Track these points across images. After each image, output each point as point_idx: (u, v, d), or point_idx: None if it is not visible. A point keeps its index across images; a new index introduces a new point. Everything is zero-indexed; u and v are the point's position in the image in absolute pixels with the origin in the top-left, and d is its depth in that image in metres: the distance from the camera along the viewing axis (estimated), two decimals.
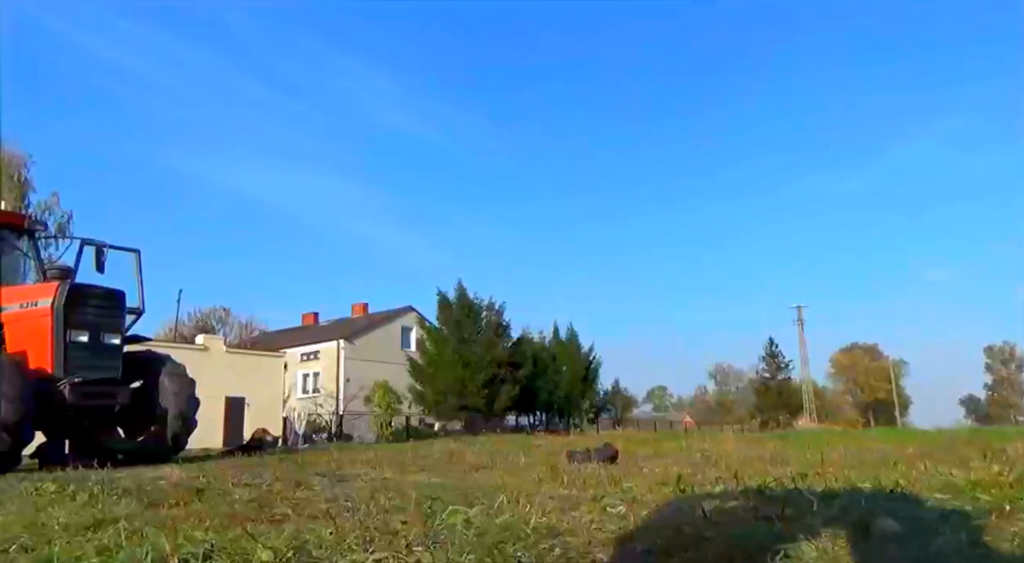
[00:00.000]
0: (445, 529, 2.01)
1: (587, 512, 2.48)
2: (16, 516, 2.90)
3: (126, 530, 2.44)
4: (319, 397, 34.75)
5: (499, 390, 34.07)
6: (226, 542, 1.83)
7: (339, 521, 2.20)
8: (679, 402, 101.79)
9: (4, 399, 6.19)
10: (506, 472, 5.08)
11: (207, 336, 28.40)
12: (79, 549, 2.02)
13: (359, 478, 4.74)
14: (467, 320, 34.65)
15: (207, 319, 39.76)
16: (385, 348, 37.93)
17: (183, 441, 8.34)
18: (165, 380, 8.10)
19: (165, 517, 2.80)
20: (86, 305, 7.39)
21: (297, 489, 3.93)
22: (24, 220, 8.59)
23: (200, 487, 3.83)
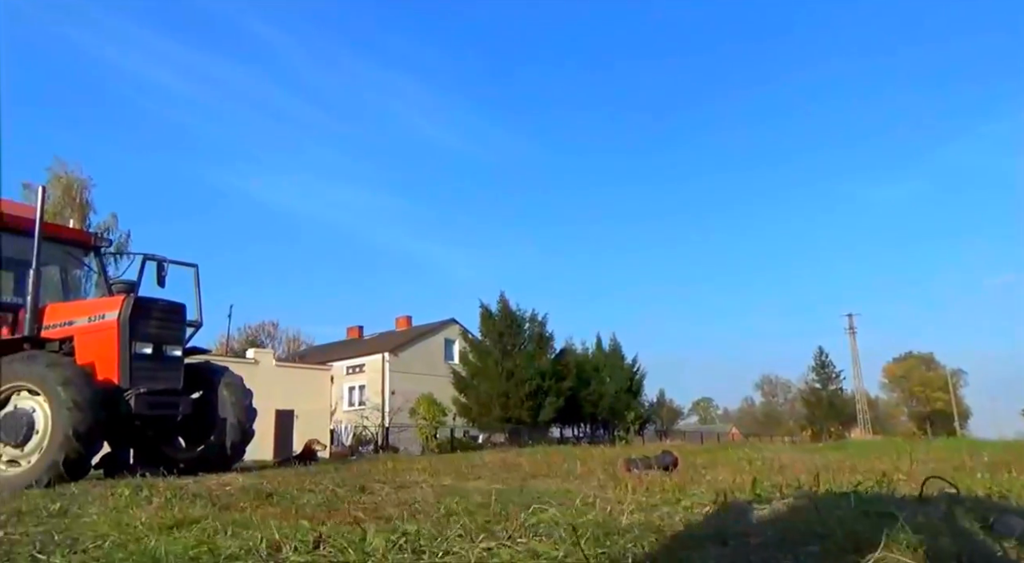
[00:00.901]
0: (537, 525, 1.98)
1: (672, 512, 2.43)
2: (102, 517, 2.99)
3: (209, 529, 2.49)
4: (365, 409, 35.14)
5: (543, 402, 33.99)
6: (332, 531, 1.84)
7: (419, 520, 2.20)
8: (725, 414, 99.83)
9: (76, 409, 6.39)
10: (565, 479, 5.03)
11: (257, 350, 29.02)
12: (175, 544, 2.06)
13: (419, 485, 4.75)
14: (510, 332, 34.74)
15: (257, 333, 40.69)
16: (429, 361, 38.20)
17: (241, 450, 8.50)
18: (223, 391, 8.28)
19: (241, 518, 2.85)
20: (150, 318, 7.62)
21: (362, 494, 3.96)
22: (91, 238, 8.93)
23: (269, 491, 3.88)
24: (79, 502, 3.89)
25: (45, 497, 4.37)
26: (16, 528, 2.63)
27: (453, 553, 1.60)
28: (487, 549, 1.61)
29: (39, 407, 6.60)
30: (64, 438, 6.37)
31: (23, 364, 6.72)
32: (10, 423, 6.57)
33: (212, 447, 8.18)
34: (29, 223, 7.98)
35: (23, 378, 6.65)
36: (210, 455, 8.12)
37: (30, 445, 6.55)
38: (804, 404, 63.41)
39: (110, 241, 9.03)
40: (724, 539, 1.82)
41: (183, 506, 3.34)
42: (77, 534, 2.48)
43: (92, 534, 2.47)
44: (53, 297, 8.42)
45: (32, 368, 6.67)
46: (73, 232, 8.83)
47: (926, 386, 78.20)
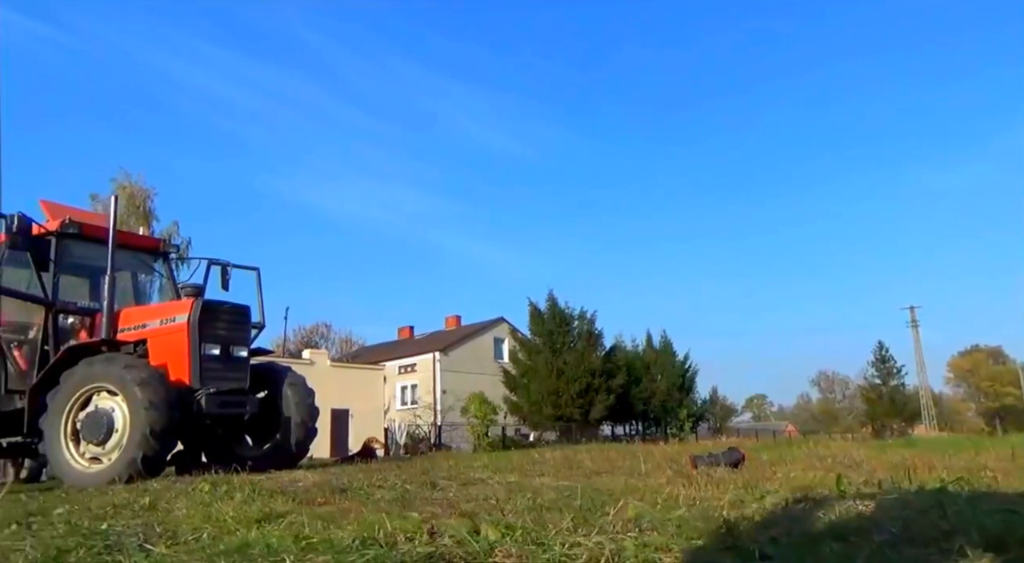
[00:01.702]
0: (638, 520, 1.97)
1: (763, 508, 2.38)
2: (191, 511, 3.11)
3: (297, 522, 2.56)
4: (417, 408, 35.56)
5: (594, 399, 33.82)
6: (440, 524, 1.87)
7: (513, 514, 2.22)
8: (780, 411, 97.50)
9: (152, 408, 6.66)
10: (631, 476, 5.00)
11: (312, 351, 29.71)
12: (272, 535, 2.13)
13: (485, 482, 4.78)
14: (559, 330, 34.67)
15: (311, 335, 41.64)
16: (479, 359, 38.43)
17: (306, 448, 8.72)
18: (287, 390, 8.50)
19: (323, 513, 2.92)
20: (217, 320, 7.88)
21: (433, 489, 4.01)
22: (160, 244, 9.30)
23: (343, 487, 3.97)
24: (165, 497, 4.04)
25: (131, 492, 4.56)
26: (117, 520, 2.75)
27: (578, 545, 1.59)
28: (598, 543, 1.60)
29: (118, 407, 6.89)
30: (142, 436, 6.63)
31: (103, 366, 7.03)
32: (92, 422, 6.88)
33: (278, 445, 8.39)
34: (102, 231, 8.34)
35: (103, 379, 6.95)
36: (276, 453, 8.33)
37: (110, 443, 6.85)
38: (864, 400, 61.32)
39: (177, 247, 9.40)
40: (841, 535, 1.77)
41: (265, 501, 3.44)
42: (174, 527, 2.58)
43: (188, 527, 2.56)
44: (125, 301, 8.77)
45: (111, 369, 6.97)
46: (143, 239, 9.21)
47: (995, 381, 74.81)
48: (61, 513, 3.20)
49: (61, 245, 8.03)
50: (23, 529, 2.39)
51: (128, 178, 29.27)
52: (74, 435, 6.98)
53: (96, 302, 8.85)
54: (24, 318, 8.23)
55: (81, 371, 7.03)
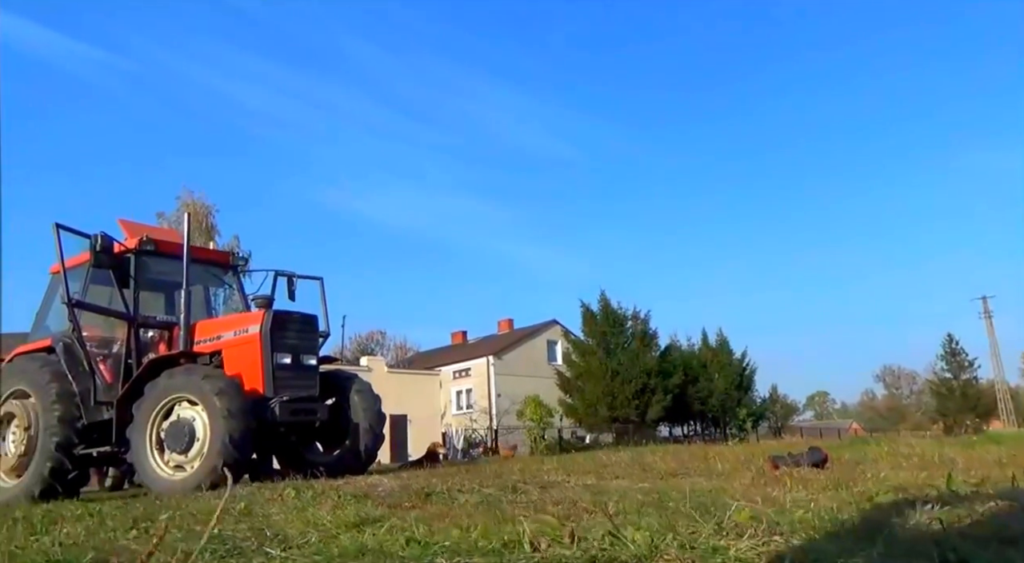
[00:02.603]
0: (754, 523, 1.92)
1: (873, 511, 2.29)
2: (289, 516, 3.19)
3: (398, 526, 2.61)
4: (473, 413, 35.80)
5: (650, 400, 33.47)
6: (579, 527, 1.88)
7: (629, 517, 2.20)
8: (843, 409, 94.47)
9: (231, 417, 6.89)
10: (710, 478, 4.91)
11: (370, 358, 30.24)
12: (387, 538, 2.18)
13: (562, 484, 4.77)
14: (612, 331, 34.45)
15: (366, 342, 42.38)
16: (532, 362, 38.46)
17: (374, 454, 8.87)
18: (355, 397, 8.67)
19: (420, 516, 2.96)
20: (287, 329, 8.11)
21: (515, 493, 4.03)
22: (229, 257, 9.62)
23: (426, 491, 4.02)
24: (255, 502, 4.16)
25: (219, 498, 4.72)
26: (224, 525, 2.85)
27: (720, 549, 1.57)
28: (754, 546, 1.57)
29: (198, 416, 7.14)
30: (222, 444, 6.85)
31: (183, 377, 7.30)
32: (174, 432, 7.15)
33: (348, 451, 8.56)
34: (176, 247, 8.69)
35: (183, 390, 7.22)
36: (346, 458, 8.50)
37: (192, 451, 7.10)
38: (933, 395, 58.93)
39: (245, 259, 9.67)
40: (1008, 539, 1.69)
41: (356, 505, 3.51)
42: (279, 531, 2.66)
43: (294, 531, 2.64)
44: (198, 314, 9.10)
45: (190, 380, 7.24)
46: (214, 253, 9.55)
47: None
48: (167, 518, 3.33)
49: (139, 262, 8.38)
50: (143, 533, 2.52)
51: (191, 195, 30.52)
52: (158, 444, 7.26)
53: (171, 315, 9.23)
54: (108, 333, 8.62)
55: (163, 382, 7.32)
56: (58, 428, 7.72)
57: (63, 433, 7.72)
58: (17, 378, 8.22)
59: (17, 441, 7.98)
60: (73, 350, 8.14)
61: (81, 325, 8.09)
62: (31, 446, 7.83)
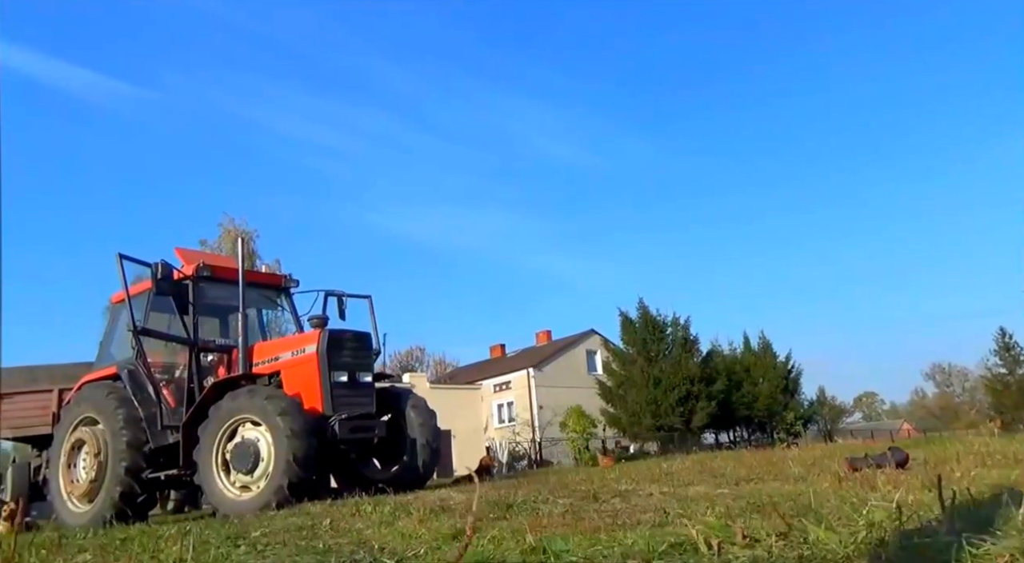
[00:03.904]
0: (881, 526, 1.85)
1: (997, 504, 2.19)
2: (380, 529, 3.20)
3: (498, 536, 2.59)
4: (515, 425, 35.69)
5: (694, 407, 32.98)
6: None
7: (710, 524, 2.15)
8: (892, 409, 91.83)
9: (294, 436, 6.98)
10: (786, 482, 4.80)
11: (412, 374, 30.41)
12: (493, 547, 2.17)
13: (636, 493, 4.71)
14: (652, 338, 34.09)
15: (406, 359, 42.64)
16: (573, 373, 38.24)
17: (432, 468, 8.90)
18: (411, 412, 8.73)
19: (516, 526, 2.94)
20: (342, 348, 8.21)
21: (595, 502, 3.99)
22: (281, 280, 9.80)
23: (508, 503, 4.00)
24: (339, 518, 4.18)
25: (297, 516, 4.76)
26: (322, 540, 2.86)
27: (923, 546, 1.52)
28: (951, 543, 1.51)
29: (262, 436, 7.24)
30: (286, 463, 6.94)
31: (245, 398, 7.42)
32: (239, 452, 7.26)
33: (406, 466, 8.60)
34: (231, 272, 8.89)
35: (246, 411, 7.34)
36: (404, 474, 8.54)
37: (258, 471, 7.19)
38: (988, 392, 56.84)
39: (297, 281, 9.82)
40: None
41: (441, 518, 3.51)
42: (382, 544, 2.67)
43: (395, 543, 2.64)
44: (253, 336, 9.26)
45: (253, 401, 7.35)
46: (266, 276, 9.73)
47: None
48: (259, 536, 3.37)
49: (197, 288, 8.59)
50: (252, 549, 2.55)
51: (232, 222, 31.25)
52: (224, 465, 7.38)
53: (226, 338, 9.42)
54: (170, 358, 8.84)
55: (226, 405, 7.45)
56: (127, 453, 7.91)
57: (132, 458, 7.90)
58: (85, 406, 8.45)
59: (88, 467, 8.19)
60: (138, 376, 8.35)
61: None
62: (101, 472, 8.03)
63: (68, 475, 8.38)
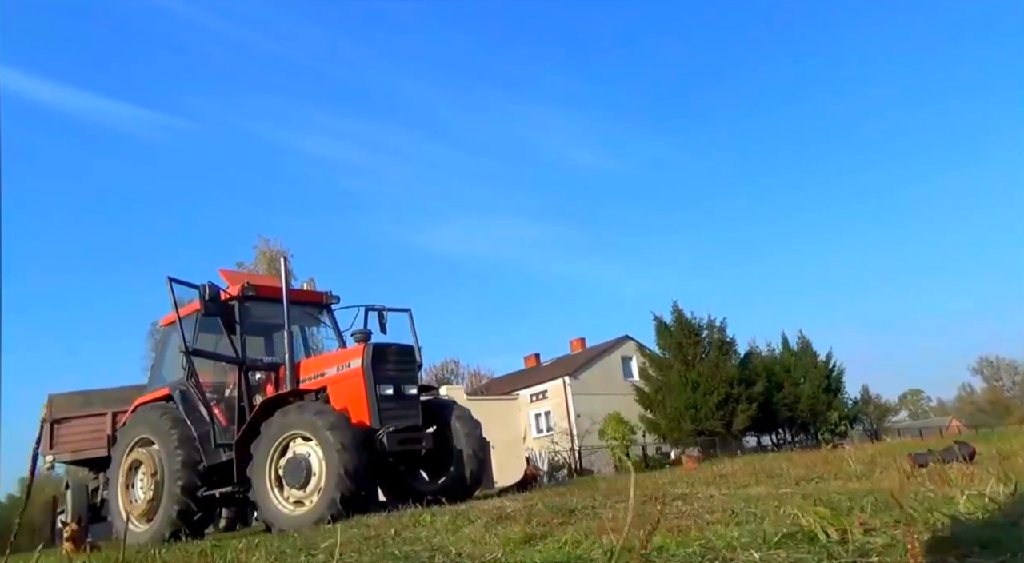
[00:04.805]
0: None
1: None
2: (449, 536, 3.22)
3: (571, 539, 2.59)
4: (553, 434, 35.53)
5: (734, 410, 32.55)
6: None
7: None
8: (939, 405, 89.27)
9: (344, 450, 7.05)
10: (849, 480, 4.70)
11: (449, 387, 30.46)
12: (583, 550, 2.17)
13: (696, 496, 4.65)
14: (688, 341, 33.78)
15: (441, 372, 42.80)
16: (609, 380, 37.99)
17: (479, 479, 8.91)
18: (456, 423, 8.76)
19: (587, 529, 2.93)
20: (387, 362, 8.29)
21: (657, 504, 3.95)
22: (323, 297, 9.94)
23: (569, 508, 4.00)
24: (396, 527, 4.21)
25: (357, 527, 4.80)
26: (396, 548, 2.89)
27: None
28: None
29: (313, 451, 7.33)
30: (338, 477, 7.01)
31: (295, 414, 7.53)
32: (292, 468, 7.36)
33: (454, 477, 8.62)
34: (272, 291, 9.05)
35: (297, 427, 7.44)
36: (452, 485, 8.55)
37: (310, 486, 7.28)
38: None
39: (338, 297, 9.96)
40: None
41: (507, 525, 3.51)
42: (458, 550, 2.68)
43: (471, 549, 2.66)
44: (297, 353, 9.39)
45: (302, 417, 7.46)
46: (308, 294, 9.89)
47: None
48: (328, 546, 3.41)
49: (243, 307, 8.75)
50: (330, 558, 2.59)
51: (266, 243, 31.88)
52: (277, 481, 7.49)
53: (272, 356, 9.58)
54: (219, 378, 9.01)
55: (277, 421, 7.56)
56: (182, 472, 8.07)
57: (187, 477, 8.06)
58: (141, 427, 8.66)
59: (145, 487, 8.38)
60: (190, 397, 8.53)
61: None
62: (159, 491, 8.21)
63: (127, 495, 8.58)
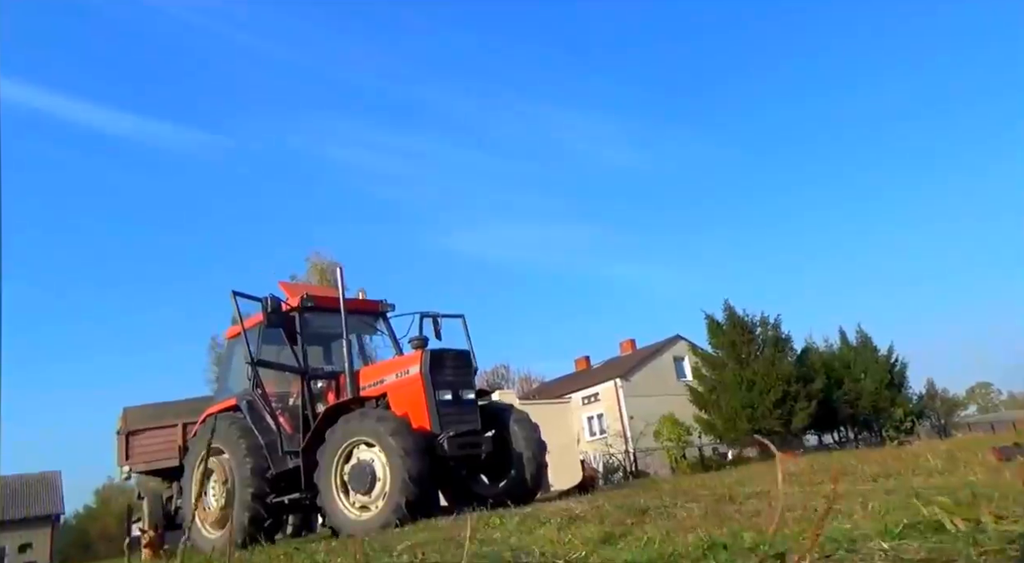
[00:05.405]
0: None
1: None
2: (524, 538, 3.24)
3: (651, 538, 2.57)
4: (607, 437, 35.27)
5: (793, 409, 31.74)
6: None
7: None
8: (1010, 398, 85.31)
9: (407, 455, 7.14)
10: (930, 476, 4.54)
11: (501, 392, 30.55)
12: (675, 547, 2.16)
13: (767, 493, 4.56)
14: (742, 339, 33.11)
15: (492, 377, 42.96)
16: (661, 381, 37.53)
17: (539, 482, 8.91)
18: (515, 427, 8.78)
19: (668, 527, 2.90)
20: (444, 367, 8.37)
21: (732, 503, 3.89)
22: (379, 305, 10.12)
23: (642, 508, 3.97)
24: (463, 530, 4.23)
25: (426, 531, 4.86)
26: (476, 548, 2.92)
27: None
28: None
29: (376, 457, 7.45)
30: (402, 482, 7.10)
31: (358, 421, 7.67)
32: (357, 474, 7.49)
33: (514, 481, 8.64)
34: (331, 301, 9.24)
35: (360, 433, 7.58)
36: (513, 489, 8.57)
37: (375, 491, 7.40)
38: None
39: (393, 305, 10.12)
40: None
41: (582, 525, 3.51)
42: (540, 550, 2.69)
43: (554, 549, 2.66)
44: (356, 361, 9.57)
45: (365, 424, 7.59)
46: (364, 303, 10.06)
47: None
48: (405, 548, 3.46)
49: (303, 318, 8.97)
50: (415, 558, 2.65)
51: (318, 255, 32.62)
52: (343, 487, 7.63)
53: (331, 364, 9.79)
54: (282, 387, 9.25)
55: (340, 428, 7.71)
56: (252, 480, 8.30)
57: (257, 484, 8.29)
58: (210, 436, 8.94)
59: (217, 495, 8.66)
60: (256, 406, 8.78)
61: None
62: (230, 498, 8.46)
63: (200, 503, 8.87)
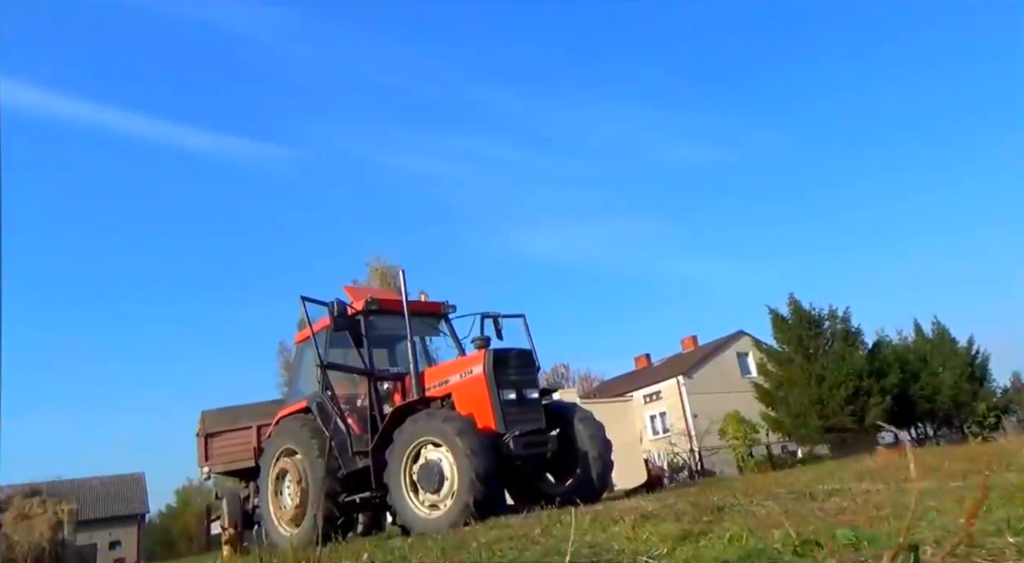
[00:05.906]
0: None
1: None
2: (598, 536, 3.23)
3: (736, 535, 2.53)
4: (670, 436, 34.76)
5: (866, 404, 30.56)
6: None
7: None
8: None
9: (474, 455, 7.22)
10: (1020, 473, 4.30)
11: (562, 391, 30.50)
12: (765, 543, 2.13)
13: (849, 491, 4.41)
14: (809, 333, 32.10)
15: (552, 376, 42.93)
16: (725, 378, 36.73)
17: (606, 480, 8.86)
18: (579, 425, 8.76)
19: (752, 523, 2.85)
20: (507, 366, 8.42)
21: (812, 500, 3.78)
22: (440, 307, 10.27)
23: (717, 506, 3.90)
24: (539, 528, 4.25)
25: (496, 528, 4.90)
26: (552, 546, 2.93)
27: None
28: None
29: (444, 457, 7.55)
30: (470, 482, 7.18)
31: (424, 422, 7.80)
32: (425, 473, 7.62)
33: (581, 480, 8.61)
34: (394, 304, 9.42)
35: (427, 433, 7.70)
36: (580, 487, 8.54)
37: (444, 490, 7.51)
38: None
39: (454, 307, 10.24)
40: None
41: (658, 524, 3.47)
42: (619, 548, 2.68)
43: (634, 548, 2.65)
44: (420, 362, 9.72)
45: (432, 424, 7.71)
46: (427, 305, 10.22)
47: None
48: (479, 546, 3.50)
49: (368, 321, 9.18)
50: (492, 554, 2.68)
51: (379, 260, 33.31)
52: (412, 486, 7.77)
53: (396, 366, 9.97)
54: (351, 389, 9.49)
55: (408, 428, 7.86)
56: (325, 479, 8.54)
57: (329, 484, 8.53)
58: (285, 438, 9.26)
59: (292, 494, 8.95)
60: (326, 408, 9.03)
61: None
62: (304, 497, 8.75)
63: (276, 502, 9.19)
